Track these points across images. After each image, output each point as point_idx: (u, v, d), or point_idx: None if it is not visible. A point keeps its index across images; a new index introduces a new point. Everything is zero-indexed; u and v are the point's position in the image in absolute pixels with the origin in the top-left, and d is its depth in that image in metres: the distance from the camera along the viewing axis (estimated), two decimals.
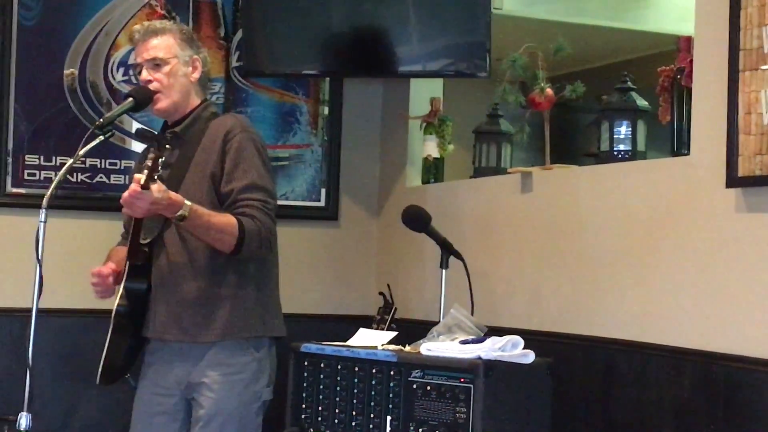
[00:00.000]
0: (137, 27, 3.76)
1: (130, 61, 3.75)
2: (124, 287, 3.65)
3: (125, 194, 3.37)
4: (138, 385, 3.80)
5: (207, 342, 3.65)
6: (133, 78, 4.74)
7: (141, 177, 3.33)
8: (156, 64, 3.68)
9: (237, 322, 3.65)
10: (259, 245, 3.59)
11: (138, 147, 4.58)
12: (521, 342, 3.51)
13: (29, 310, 3.38)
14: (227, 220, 3.54)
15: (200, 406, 3.65)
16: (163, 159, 3.35)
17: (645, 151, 3.84)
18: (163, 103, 3.69)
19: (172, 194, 3.41)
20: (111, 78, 4.84)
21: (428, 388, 3.47)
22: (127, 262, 3.64)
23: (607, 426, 3.67)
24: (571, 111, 6.79)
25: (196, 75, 3.75)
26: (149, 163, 3.33)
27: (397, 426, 3.52)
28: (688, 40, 3.56)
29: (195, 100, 3.76)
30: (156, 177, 3.34)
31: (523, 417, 3.49)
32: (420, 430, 3.47)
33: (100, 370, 3.68)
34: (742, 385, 3.16)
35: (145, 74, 3.69)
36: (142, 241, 3.64)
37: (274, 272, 3.82)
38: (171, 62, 3.69)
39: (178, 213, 3.43)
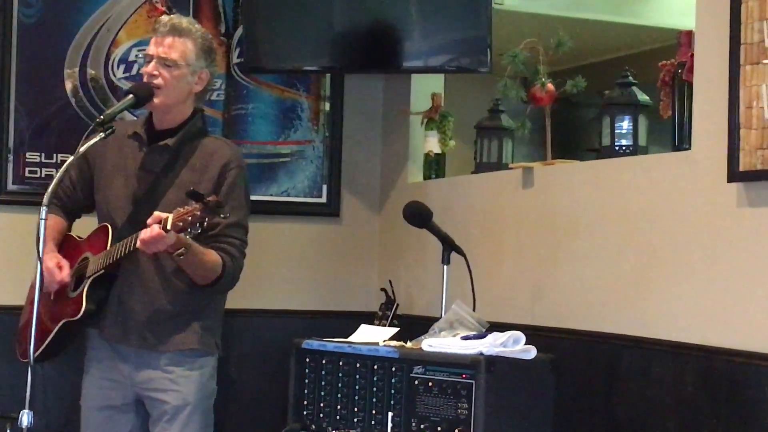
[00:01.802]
0: (164, 18, 3.74)
1: (148, 50, 3.71)
2: (89, 292, 3.67)
3: (148, 235, 3.39)
4: (84, 378, 3.85)
5: (165, 351, 3.71)
6: (134, 67, 4.75)
7: (168, 220, 3.34)
8: (167, 64, 3.67)
9: (200, 339, 3.74)
10: (230, 283, 3.74)
11: None
12: (523, 338, 3.51)
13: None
14: (215, 260, 3.63)
15: (163, 402, 3.70)
16: (205, 225, 3.35)
17: (646, 146, 3.83)
18: (158, 99, 3.68)
19: (181, 236, 3.43)
20: (112, 75, 4.84)
21: (430, 384, 3.47)
22: (102, 270, 3.66)
23: (609, 421, 3.67)
24: (572, 106, 6.76)
25: (199, 88, 3.76)
26: (188, 216, 3.33)
27: (399, 422, 3.52)
28: (689, 35, 3.56)
29: (187, 110, 3.77)
30: (189, 232, 3.35)
31: (525, 413, 3.48)
32: (422, 426, 3.47)
33: (39, 353, 3.65)
34: (745, 379, 3.16)
35: (151, 67, 3.67)
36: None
37: (225, 296, 3.90)
38: (181, 68, 3.68)
39: (179, 250, 3.48)
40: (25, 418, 3.27)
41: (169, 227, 3.35)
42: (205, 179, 3.65)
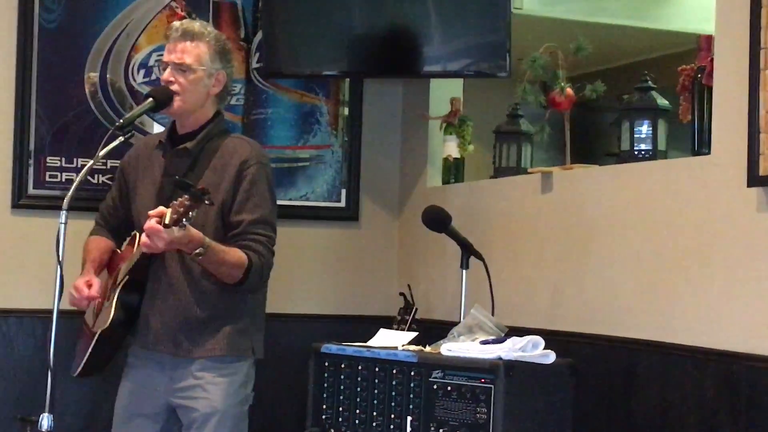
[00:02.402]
0: (176, 24, 3.74)
1: (163, 57, 3.73)
2: (120, 299, 3.66)
3: (145, 229, 3.38)
4: (120, 384, 3.82)
5: (197, 357, 3.68)
6: (154, 72, 4.76)
7: (167, 215, 3.34)
8: (182, 69, 3.68)
9: (232, 341, 3.68)
10: (259, 280, 3.66)
11: None
12: (542, 342, 3.50)
13: (50, 311, 3.40)
14: (238, 256, 3.57)
15: (192, 409, 3.65)
16: (194, 213, 3.34)
17: (666, 150, 3.83)
18: (177, 104, 3.69)
19: (193, 232, 3.41)
20: (132, 80, 4.86)
21: (449, 388, 3.47)
22: (127, 276, 3.66)
23: (628, 427, 3.66)
24: (591, 110, 6.75)
25: (217, 89, 3.75)
26: (180, 208, 3.31)
27: (418, 426, 3.52)
28: (709, 39, 3.55)
29: (209, 112, 3.75)
30: (184, 223, 3.35)
31: (544, 418, 3.48)
32: (441, 430, 3.47)
33: (81, 367, 3.71)
34: (765, 385, 3.15)
35: (167, 74, 3.69)
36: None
37: (264, 296, 3.85)
38: (197, 72, 3.68)
39: (197, 250, 3.46)
40: (45, 421, 3.29)
41: (167, 221, 3.34)
42: (225, 179, 3.64)
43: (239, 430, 3.72)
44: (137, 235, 3.70)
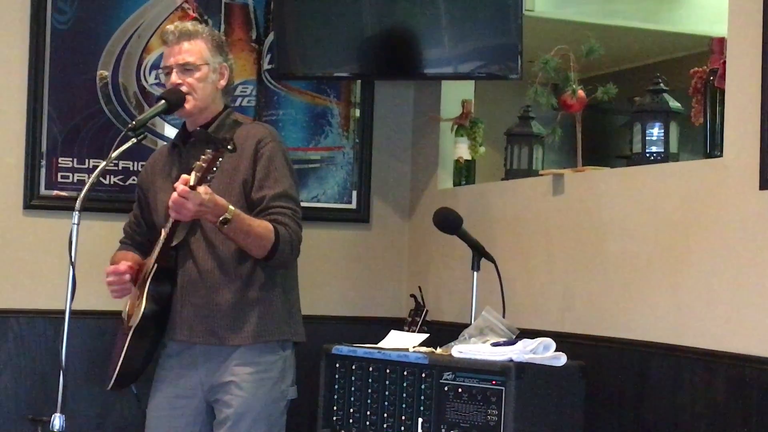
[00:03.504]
0: (170, 28, 3.79)
1: (162, 63, 3.76)
2: (150, 290, 3.65)
3: (174, 195, 3.39)
4: (154, 388, 3.81)
5: (235, 345, 3.66)
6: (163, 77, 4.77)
7: (191, 177, 3.35)
8: (187, 69, 3.70)
9: (266, 326, 3.67)
10: (290, 252, 3.66)
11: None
12: (553, 344, 3.50)
13: (63, 312, 3.41)
14: (266, 226, 3.57)
15: (227, 406, 3.65)
16: (219, 163, 3.36)
17: (677, 153, 3.82)
18: (189, 104, 3.72)
19: (218, 198, 3.43)
20: (144, 81, 4.87)
21: (460, 390, 3.47)
22: (155, 265, 3.66)
23: (639, 429, 3.65)
24: (603, 113, 6.77)
25: (223, 83, 3.80)
26: (203, 164, 3.34)
27: (429, 428, 3.52)
28: (721, 42, 3.54)
29: (218, 106, 3.80)
30: (209, 178, 3.35)
31: (555, 420, 3.48)
32: None
33: (115, 375, 3.68)
34: None
35: (174, 77, 3.71)
36: (172, 244, 3.66)
37: (296, 277, 3.86)
38: (202, 68, 3.72)
39: (223, 216, 3.45)
40: (57, 421, 3.30)
41: (192, 182, 3.34)
42: (243, 160, 3.65)
43: (275, 428, 3.71)
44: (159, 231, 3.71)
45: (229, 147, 3.31)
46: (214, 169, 3.34)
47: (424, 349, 3.75)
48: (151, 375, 3.83)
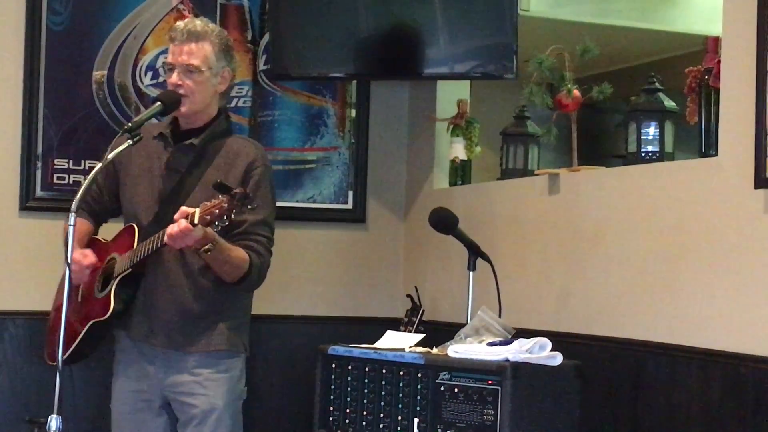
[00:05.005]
0: (180, 25, 3.75)
1: (168, 59, 3.73)
2: (117, 293, 3.67)
3: (175, 228, 3.40)
4: (113, 381, 3.86)
5: (191, 353, 3.71)
6: (162, 74, 4.76)
7: (195, 214, 3.35)
8: (189, 71, 3.70)
9: (228, 339, 3.74)
10: (257, 280, 3.73)
11: None
12: (549, 344, 3.51)
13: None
14: (242, 257, 3.63)
15: (191, 406, 3.71)
16: (232, 218, 3.36)
17: (673, 152, 3.83)
18: (185, 107, 3.71)
19: (208, 230, 3.44)
20: (139, 82, 4.87)
21: (456, 390, 3.47)
22: (129, 270, 3.67)
23: (635, 428, 3.66)
24: (598, 112, 6.75)
25: (223, 87, 3.79)
26: (215, 209, 3.34)
27: (425, 428, 3.53)
28: (716, 41, 3.55)
29: (213, 110, 3.80)
30: (217, 226, 3.36)
31: (550, 419, 3.48)
32: None
33: (68, 353, 3.68)
34: None
35: (175, 78, 3.70)
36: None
37: (252, 295, 3.90)
38: (204, 73, 3.71)
39: (206, 246, 3.48)
40: (54, 422, 3.29)
41: (196, 221, 3.36)
42: (230, 178, 3.66)
43: (236, 426, 3.79)
44: (135, 228, 3.71)
45: (249, 207, 3.34)
46: (224, 217, 3.34)
47: (420, 349, 3.75)
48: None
